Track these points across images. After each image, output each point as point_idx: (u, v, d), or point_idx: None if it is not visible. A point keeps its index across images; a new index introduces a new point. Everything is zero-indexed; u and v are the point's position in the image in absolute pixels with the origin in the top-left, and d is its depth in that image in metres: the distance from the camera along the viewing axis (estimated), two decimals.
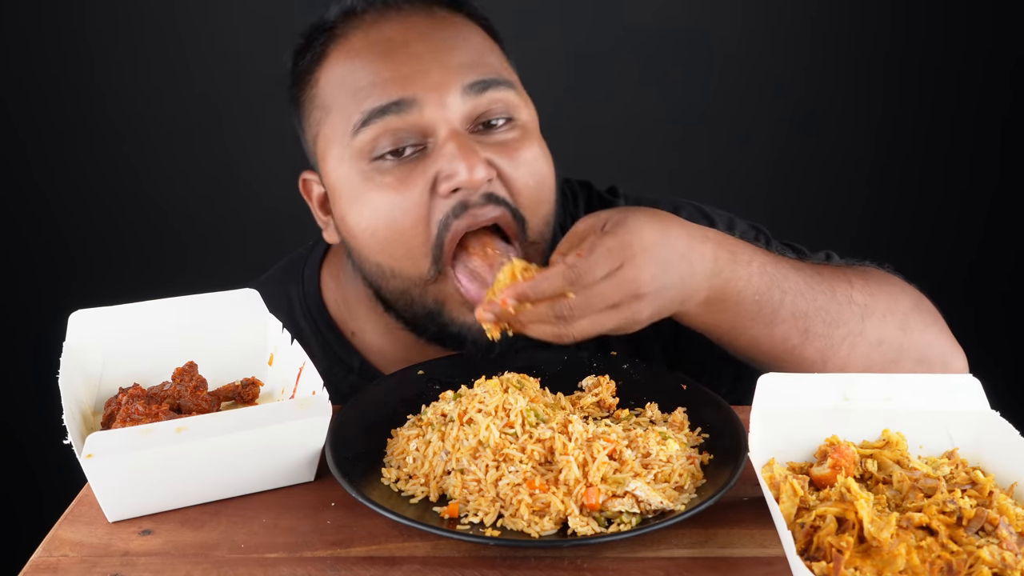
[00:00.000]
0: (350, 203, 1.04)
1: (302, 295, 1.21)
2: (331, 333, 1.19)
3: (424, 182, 1.00)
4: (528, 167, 1.03)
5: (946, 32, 2.30)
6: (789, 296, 0.97)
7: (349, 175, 1.03)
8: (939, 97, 2.34)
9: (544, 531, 0.78)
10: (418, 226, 1.01)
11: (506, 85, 1.04)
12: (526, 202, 1.03)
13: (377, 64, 1.02)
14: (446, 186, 0.99)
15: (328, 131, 1.05)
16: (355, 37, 1.05)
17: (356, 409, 0.93)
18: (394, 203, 1.01)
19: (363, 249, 1.06)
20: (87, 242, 2.32)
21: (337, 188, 1.06)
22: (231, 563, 0.76)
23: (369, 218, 1.03)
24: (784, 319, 0.97)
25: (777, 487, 0.77)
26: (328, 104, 1.05)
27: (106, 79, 2.22)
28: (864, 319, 1.01)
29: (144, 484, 0.81)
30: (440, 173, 0.99)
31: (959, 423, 0.85)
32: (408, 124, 1.00)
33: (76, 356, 0.94)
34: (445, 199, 1.00)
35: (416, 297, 1.05)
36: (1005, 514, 0.74)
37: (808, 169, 2.38)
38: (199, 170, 2.28)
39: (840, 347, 1.00)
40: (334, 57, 1.05)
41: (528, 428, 0.85)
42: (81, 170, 2.27)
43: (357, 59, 1.03)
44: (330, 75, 1.05)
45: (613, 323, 0.89)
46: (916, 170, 2.39)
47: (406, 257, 1.03)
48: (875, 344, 1.01)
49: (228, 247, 2.30)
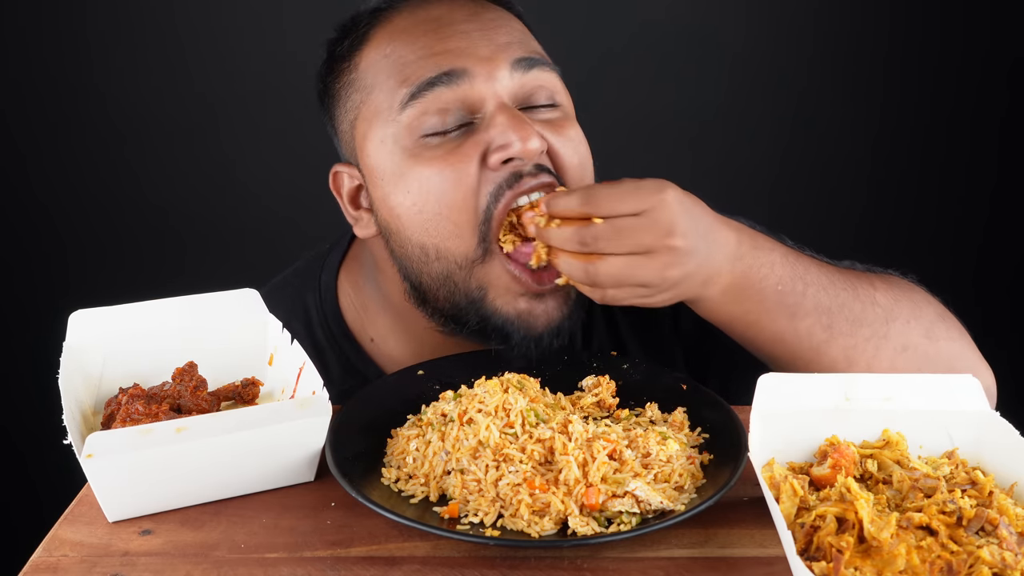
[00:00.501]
0: (395, 182, 1.02)
1: (319, 303, 1.19)
2: (348, 343, 1.17)
3: (476, 153, 0.98)
4: (574, 145, 1.03)
5: (947, 30, 2.31)
6: (812, 288, 0.96)
7: (393, 153, 1.01)
8: (941, 96, 2.34)
9: (544, 531, 0.78)
10: (468, 199, 0.98)
11: (550, 67, 1.05)
12: (572, 180, 1.02)
13: (426, 38, 1.02)
14: (498, 156, 0.97)
15: (370, 111, 1.04)
16: (399, 17, 1.05)
17: (356, 409, 0.93)
18: (444, 175, 0.98)
19: (406, 230, 1.03)
20: (87, 242, 2.32)
21: (379, 169, 1.03)
22: (231, 563, 0.76)
23: (416, 193, 1.00)
24: (808, 312, 0.96)
25: (777, 487, 0.77)
26: (370, 84, 1.04)
27: (106, 79, 2.22)
28: (888, 322, 0.99)
29: (144, 484, 0.81)
30: (492, 144, 0.98)
31: (959, 423, 0.85)
32: (458, 96, 0.99)
33: (76, 356, 0.94)
34: (496, 172, 0.98)
35: (459, 282, 1.02)
36: (1005, 514, 0.74)
37: (813, 167, 2.39)
38: (199, 170, 2.28)
39: (865, 348, 0.98)
40: (378, 38, 1.05)
41: (528, 428, 0.85)
42: (81, 170, 2.27)
43: (404, 35, 1.03)
44: (373, 55, 1.05)
45: (646, 274, 0.88)
46: (918, 169, 2.39)
47: (453, 235, 1.00)
48: (900, 349, 0.99)
49: (228, 247, 2.30)
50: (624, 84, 2.31)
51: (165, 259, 2.32)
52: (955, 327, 1.04)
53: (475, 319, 1.03)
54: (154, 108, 2.24)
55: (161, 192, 2.30)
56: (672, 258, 0.88)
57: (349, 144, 1.08)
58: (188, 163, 2.27)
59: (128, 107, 2.24)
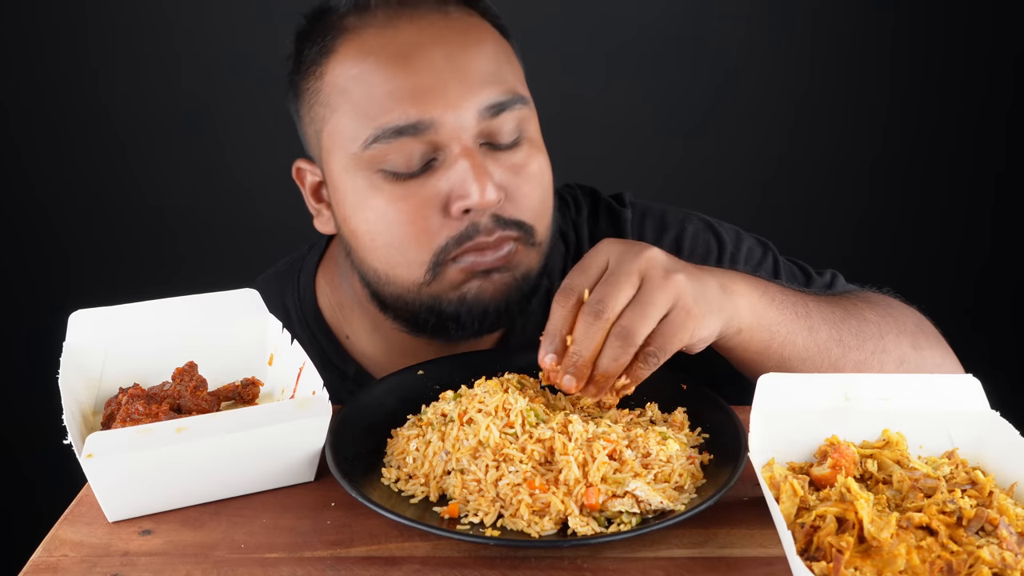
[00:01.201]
0: (354, 207, 1.04)
1: (298, 303, 1.21)
2: (326, 339, 1.19)
3: (437, 200, 1.00)
4: (535, 181, 1.04)
5: (949, 29, 2.30)
6: (812, 303, 0.98)
7: (355, 180, 1.03)
8: (946, 96, 2.34)
9: (544, 531, 0.78)
10: (423, 240, 1.01)
11: (520, 102, 1.03)
12: (534, 214, 1.04)
13: (394, 71, 0.99)
14: (458, 206, 0.99)
15: (334, 131, 1.04)
16: (367, 34, 1.02)
17: (356, 409, 0.93)
18: (402, 214, 1.00)
19: (362, 251, 1.06)
20: (87, 242, 2.32)
21: (341, 190, 1.05)
22: (231, 563, 0.76)
23: (373, 223, 1.02)
24: (820, 326, 0.97)
25: (777, 487, 0.78)
26: (336, 104, 1.03)
27: (106, 79, 2.22)
28: (882, 336, 1.01)
29: (144, 484, 0.81)
30: (453, 192, 0.99)
31: (959, 423, 0.85)
32: (424, 142, 0.99)
33: (76, 356, 0.94)
34: (456, 220, 1.00)
35: (411, 300, 1.05)
36: (1005, 514, 0.74)
37: (813, 172, 2.38)
38: (199, 170, 2.28)
39: (872, 362, 1.00)
40: (343, 53, 1.03)
41: (528, 428, 0.85)
42: (81, 170, 2.27)
43: (371, 59, 1.01)
44: (339, 72, 1.03)
45: (675, 337, 0.86)
46: (920, 171, 2.38)
47: (403, 266, 1.03)
48: (898, 362, 1.01)
49: (228, 247, 2.30)
50: (625, 84, 2.32)
51: (165, 259, 2.32)
52: (933, 335, 1.07)
53: (432, 319, 1.06)
54: (153, 109, 2.24)
55: (161, 192, 2.30)
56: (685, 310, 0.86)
57: (315, 148, 1.09)
58: (188, 163, 2.27)
59: (128, 106, 2.24)
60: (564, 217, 1.22)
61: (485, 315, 1.04)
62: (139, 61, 2.22)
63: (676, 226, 1.20)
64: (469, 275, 1.03)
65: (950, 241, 2.41)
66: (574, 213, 1.23)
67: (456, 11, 1.05)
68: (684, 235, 1.19)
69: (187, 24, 2.20)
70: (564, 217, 1.22)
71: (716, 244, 1.19)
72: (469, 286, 1.03)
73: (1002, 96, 2.34)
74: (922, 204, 2.39)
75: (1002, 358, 2.37)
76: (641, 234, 1.20)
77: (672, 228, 1.20)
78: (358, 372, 1.17)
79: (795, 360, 0.97)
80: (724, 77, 2.32)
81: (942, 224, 2.41)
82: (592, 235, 1.21)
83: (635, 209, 1.22)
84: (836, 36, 2.30)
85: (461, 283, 1.03)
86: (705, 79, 2.32)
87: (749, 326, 0.92)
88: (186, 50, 2.21)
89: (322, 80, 1.04)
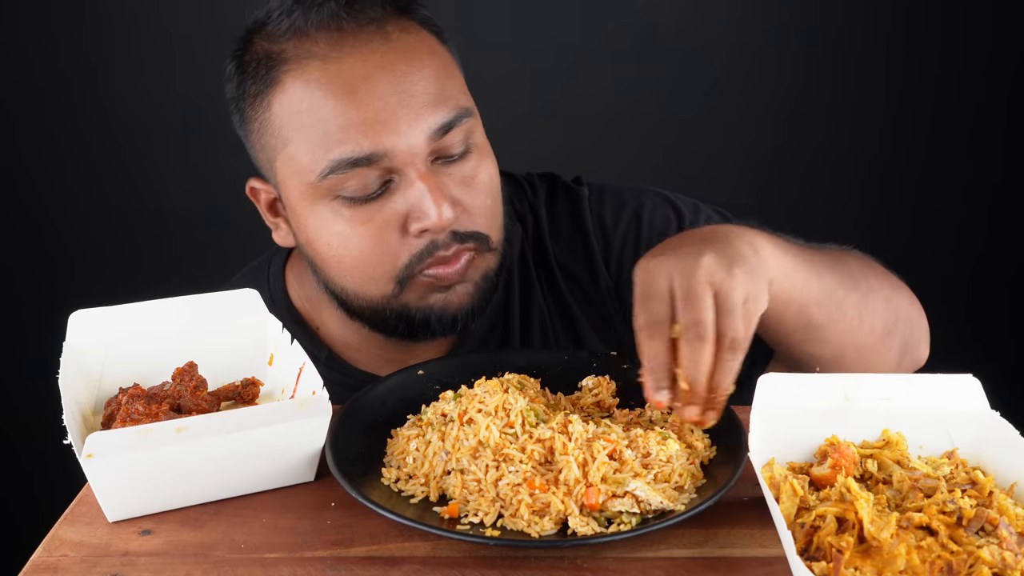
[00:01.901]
0: (317, 232, 1.07)
1: (268, 293, 1.24)
2: (298, 328, 1.22)
3: (395, 220, 1.03)
4: (484, 189, 1.08)
5: (947, 28, 2.30)
6: (812, 252, 1.00)
7: (315, 208, 1.05)
8: (940, 94, 2.34)
9: (544, 531, 0.78)
10: (386, 259, 1.05)
11: (466, 116, 1.05)
12: (488, 223, 1.08)
13: (341, 104, 1.01)
14: (416, 227, 1.03)
15: (289, 162, 1.05)
16: (311, 67, 1.02)
17: (356, 409, 0.93)
18: (364, 237, 1.04)
19: (328, 271, 1.10)
20: (87, 242, 2.32)
21: (302, 216, 1.07)
22: (231, 563, 0.76)
23: (336, 247, 1.06)
24: (824, 272, 0.99)
25: (777, 487, 0.78)
26: (287, 136, 1.04)
27: (106, 78, 2.22)
28: (867, 278, 1.05)
29: (144, 484, 0.81)
30: (411, 214, 1.03)
31: (959, 423, 0.85)
32: (379, 169, 1.02)
33: (76, 356, 0.94)
34: (416, 238, 1.04)
35: (381, 310, 1.09)
36: (1005, 514, 0.74)
37: (806, 169, 2.38)
38: (199, 170, 2.28)
39: (868, 301, 1.03)
40: (290, 85, 1.03)
41: (528, 428, 0.85)
42: (81, 169, 2.27)
43: (318, 93, 1.01)
44: (287, 104, 1.03)
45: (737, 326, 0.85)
46: (916, 169, 2.38)
47: (370, 283, 1.07)
48: (885, 301, 1.05)
49: (228, 247, 2.29)
50: (618, 80, 2.31)
51: (165, 260, 2.32)
52: (893, 276, 1.13)
53: (402, 325, 1.10)
54: (153, 109, 2.24)
55: (161, 192, 2.30)
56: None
57: (268, 172, 1.11)
58: (188, 163, 2.27)
59: (128, 105, 2.24)
60: (521, 200, 1.25)
61: (453, 322, 1.09)
62: (136, 62, 2.21)
63: (633, 201, 1.23)
64: (433, 288, 1.07)
65: (944, 243, 2.41)
66: (531, 195, 1.26)
67: (396, 31, 1.05)
68: (642, 209, 1.22)
69: (185, 24, 2.20)
70: (521, 200, 1.25)
71: (675, 216, 1.22)
72: (435, 298, 1.08)
73: (998, 97, 2.34)
74: (917, 205, 2.39)
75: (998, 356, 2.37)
76: (600, 211, 1.23)
77: (630, 203, 1.23)
78: (329, 356, 1.21)
79: (812, 306, 0.98)
80: (715, 80, 2.32)
81: (936, 225, 2.41)
82: (551, 215, 1.24)
83: (592, 188, 1.25)
84: (832, 37, 2.30)
85: (427, 294, 1.08)
86: (697, 81, 2.32)
87: (777, 277, 0.92)
88: (184, 51, 2.20)
89: (270, 111, 1.05)
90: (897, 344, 1.09)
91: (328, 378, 0.91)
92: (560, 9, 2.26)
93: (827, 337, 1.01)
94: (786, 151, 2.36)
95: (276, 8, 1.06)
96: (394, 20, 1.06)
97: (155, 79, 2.21)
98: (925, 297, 1.15)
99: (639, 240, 1.21)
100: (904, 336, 1.09)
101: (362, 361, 1.20)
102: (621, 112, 2.32)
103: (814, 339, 1.02)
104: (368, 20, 1.04)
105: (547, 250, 1.23)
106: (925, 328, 1.14)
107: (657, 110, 2.33)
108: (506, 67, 2.21)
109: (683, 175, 2.31)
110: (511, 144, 1.26)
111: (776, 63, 2.31)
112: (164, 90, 2.22)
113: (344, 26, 1.03)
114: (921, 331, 1.13)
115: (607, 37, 2.27)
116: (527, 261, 1.22)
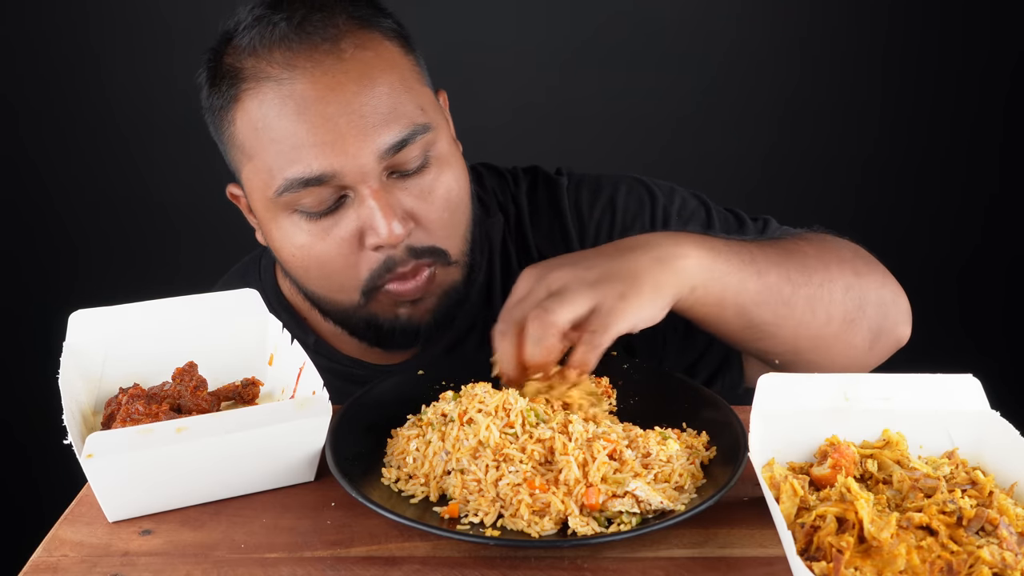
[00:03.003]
0: (282, 242, 1.09)
1: (259, 282, 1.27)
2: (288, 315, 1.24)
3: (350, 235, 1.05)
4: (442, 202, 1.08)
5: (945, 28, 2.30)
6: (756, 250, 1.00)
7: (277, 219, 1.07)
8: (937, 94, 2.34)
9: (544, 531, 0.78)
10: (348, 271, 1.07)
11: (422, 131, 1.05)
12: (446, 237, 1.09)
13: (291, 126, 1.02)
14: (370, 243, 1.05)
15: (251, 176, 1.08)
16: (266, 87, 1.03)
17: (356, 409, 0.93)
18: (323, 251, 1.06)
19: (297, 277, 1.12)
20: (87, 242, 2.32)
21: (267, 226, 1.10)
22: (231, 563, 0.76)
23: (301, 258, 1.08)
24: (769, 270, 0.99)
25: (777, 487, 0.78)
26: (248, 151, 1.06)
27: (108, 77, 2.22)
28: (826, 268, 1.04)
29: (144, 484, 0.81)
30: (364, 230, 1.04)
31: (959, 423, 0.85)
32: (332, 187, 1.03)
33: (76, 356, 0.94)
34: (373, 252, 1.05)
35: (350, 316, 1.12)
36: (1005, 514, 0.74)
37: (801, 167, 2.38)
38: (199, 170, 2.28)
39: (822, 294, 1.02)
40: (247, 103, 1.04)
41: (528, 428, 0.85)
42: (81, 169, 2.27)
43: (271, 114, 1.02)
44: (245, 122, 1.05)
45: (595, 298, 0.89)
46: (912, 168, 2.38)
47: (337, 291, 1.10)
48: (845, 289, 1.04)
49: (228, 247, 2.29)
50: (614, 80, 2.31)
51: (166, 259, 2.32)
52: (870, 259, 1.12)
53: (371, 333, 1.13)
54: (154, 106, 2.24)
55: (161, 192, 2.30)
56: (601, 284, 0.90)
57: (239, 180, 1.13)
58: (189, 163, 2.27)
59: (129, 104, 2.24)
60: (504, 192, 1.27)
61: (418, 333, 1.11)
62: (138, 58, 2.22)
63: (609, 187, 1.25)
64: (397, 303, 1.09)
65: (938, 245, 2.41)
66: (513, 187, 1.28)
67: (351, 48, 1.04)
68: (617, 194, 1.24)
69: (185, 24, 2.20)
70: (504, 192, 1.27)
71: (649, 199, 1.24)
72: (401, 311, 1.10)
73: (995, 97, 2.34)
74: (915, 205, 2.39)
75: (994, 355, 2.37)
76: (577, 198, 1.25)
77: (606, 189, 1.25)
78: (317, 342, 1.24)
79: (750, 305, 0.98)
80: (712, 78, 2.32)
81: (930, 226, 2.41)
82: (531, 205, 1.27)
83: (571, 177, 1.28)
84: (830, 36, 2.30)
85: (393, 307, 1.10)
86: (695, 79, 2.32)
87: (702, 283, 0.94)
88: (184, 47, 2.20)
89: (234, 126, 1.07)
90: (863, 331, 1.07)
91: (316, 363, 0.93)
92: (556, 7, 2.26)
93: (776, 333, 1.01)
94: (782, 149, 2.36)
95: (243, 20, 1.07)
96: (352, 35, 1.05)
97: (160, 74, 2.21)
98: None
99: (613, 225, 1.23)
100: (874, 321, 1.07)
101: (348, 348, 1.23)
102: (617, 111, 2.32)
103: (763, 337, 1.02)
104: (322, 39, 1.03)
105: (527, 237, 1.25)
106: (904, 308, 1.11)
107: (653, 108, 2.33)
108: (502, 65, 2.21)
109: (679, 173, 2.30)
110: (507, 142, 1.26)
111: (773, 61, 2.31)
112: (168, 86, 2.21)
113: (295, 47, 1.03)
114: (898, 312, 1.10)
115: (604, 35, 2.27)
116: (508, 250, 1.25)
